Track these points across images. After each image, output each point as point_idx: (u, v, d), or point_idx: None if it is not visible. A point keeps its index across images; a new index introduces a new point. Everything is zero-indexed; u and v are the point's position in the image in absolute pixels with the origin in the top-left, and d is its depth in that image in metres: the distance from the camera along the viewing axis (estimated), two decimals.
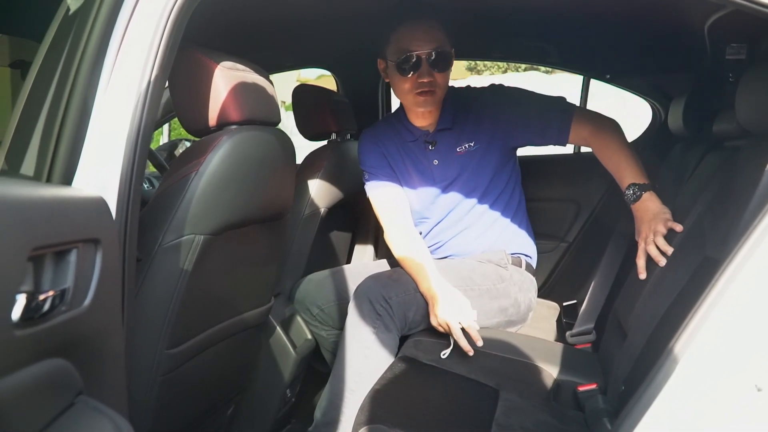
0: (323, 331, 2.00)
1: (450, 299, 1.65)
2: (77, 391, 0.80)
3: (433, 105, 1.85)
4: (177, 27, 1.03)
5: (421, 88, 1.79)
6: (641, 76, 2.55)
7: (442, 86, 1.83)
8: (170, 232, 1.20)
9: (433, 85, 1.79)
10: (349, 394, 1.57)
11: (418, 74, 1.77)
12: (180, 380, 1.33)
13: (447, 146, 1.93)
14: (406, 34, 1.76)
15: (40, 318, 0.74)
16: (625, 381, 1.37)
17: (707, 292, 0.88)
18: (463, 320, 1.62)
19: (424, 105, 1.84)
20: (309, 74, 15.95)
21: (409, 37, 1.76)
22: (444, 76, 1.81)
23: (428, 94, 1.80)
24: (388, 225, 1.95)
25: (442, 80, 1.81)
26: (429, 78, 1.77)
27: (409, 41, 1.75)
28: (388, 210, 1.97)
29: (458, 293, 1.68)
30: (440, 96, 1.84)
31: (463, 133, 1.91)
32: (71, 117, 0.94)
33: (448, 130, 1.92)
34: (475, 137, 1.90)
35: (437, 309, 1.63)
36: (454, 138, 1.92)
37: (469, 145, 1.90)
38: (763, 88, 1.16)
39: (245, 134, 1.30)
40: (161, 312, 1.22)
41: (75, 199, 0.84)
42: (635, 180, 1.70)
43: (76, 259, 0.79)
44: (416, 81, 1.78)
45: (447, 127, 1.91)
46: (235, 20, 1.82)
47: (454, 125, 1.92)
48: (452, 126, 1.91)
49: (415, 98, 1.82)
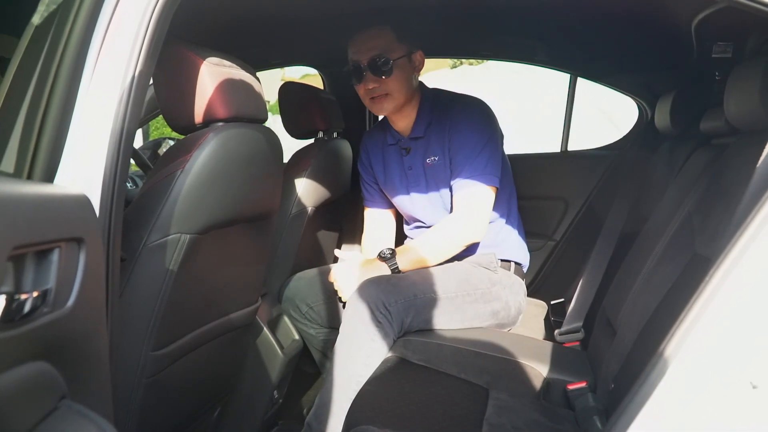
0: (312, 330, 1.99)
1: (348, 270, 1.78)
2: (61, 395, 0.78)
3: (390, 109, 1.88)
4: (162, 21, 1.01)
5: (370, 95, 1.85)
6: (628, 74, 2.56)
7: (396, 89, 1.84)
8: (155, 231, 1.17)
9: (382, 90, 1.83)
10: (348, 403, 1.54)
11: (364, 82, 1.83)
12: (166, 382, 1.31)
13: (418, 156, 1.95)
14: (353, 44, 1.86)
15: (21, 320, 0.71)
16: (614, 379, 1.37)
17: (700, 289, 0.87)
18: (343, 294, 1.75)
19: (380, 110, 1.88)
20: (293, 74, 15.91)
21: (355, 47, 1.85)
22: (393, 80, 1.82)
23: (380, 99, 1.85)
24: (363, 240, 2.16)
25: (393, 84, 1.83)
26: (374, 84, 1.82)
27: (354, 51, 1.85)
28: (368, 228, 2.16)
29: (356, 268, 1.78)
30: (398, 99, 1.86)
31: (430, 144, 1.92)
32: (53, 112, 0.91)
33: (420, 139, 1.93)
34: (437, 151, 1.90)
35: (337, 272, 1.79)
36: (424, 148, 1.93)
37: (434, 159, 1.91)
38: (751, 86, 1.16)
39: (232, 131, 1.28)
40: (146, 313, 1.19)
41: (57, 196, 0.82)
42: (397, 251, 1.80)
43: (59, 258, 0.77)
44: (365, 88, 1.84)
45: (419, 135, 1.93)
46: (221, 16, 1.80)
47: (426, 134, 1.92)
48: (424, 134, 1.92)
49: (370, 103, 1.89)
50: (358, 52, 1.83)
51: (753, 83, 1.15)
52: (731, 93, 1.26)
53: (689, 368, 0.86)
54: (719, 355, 0.86)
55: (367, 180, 2.14)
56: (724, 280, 0.85)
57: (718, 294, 0.85)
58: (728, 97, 1.27)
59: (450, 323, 1.77)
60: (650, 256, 1.46)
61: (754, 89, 1.14)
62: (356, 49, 1.83)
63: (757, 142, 1.01)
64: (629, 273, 1.61)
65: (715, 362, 0.86)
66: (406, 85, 1.87)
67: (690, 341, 0.86)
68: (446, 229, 1.84)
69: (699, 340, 0.86)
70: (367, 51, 1.81)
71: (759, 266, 0.85)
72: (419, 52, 1.89)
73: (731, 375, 0.85)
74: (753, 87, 1.15)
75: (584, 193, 2.64)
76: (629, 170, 2.35)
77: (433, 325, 1.74)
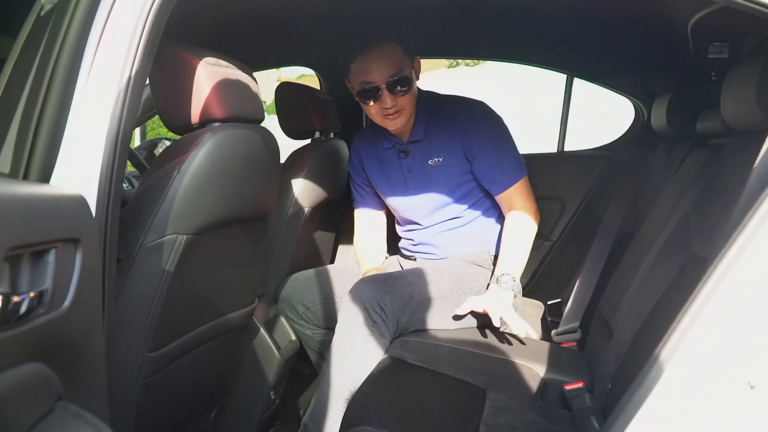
0: (309, 330, 1.98)
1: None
2: (57, 396, 0.78)
3: (404, 122, 1.87)
4: (158, 21, 1.00)
5: (386, 113, 1.82)
6: (624, 74, 2.56)
7: (410, 103, 1.85)
8: (152, 231, 1.17)
9: (398, 107, 1.82)
10: (343, 403, 1.54)
11: (380, 102, 1.80)
12: (162, 383, 1.30)
13: (419, 158, 1.94)
14: (362, 65, 1.79)
15: (16, 321, 0.71)
16: (611, 379, 1.37)
17: (698, 289, 0.87)
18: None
19: (395, 124, 1.87)
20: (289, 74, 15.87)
21: (366, 67, 1.78)
22: (409, 96, 1.82)
23: (395, 115, 1.83)
24: (355, 242, 2.18)
25: (408, 100, 1.83)
26: (392, 102, 1.80)
27: (367, 72, 1.78)
28: (359, 230, 2.17)
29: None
30: (410, 111, 1.87)
31: (432, 145, 1.91)
32: (49, 112, 0.91)
33: (420, 142, 1.93)
34: (444, 152, 1.90)
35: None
36: (425, 150, 1.92)
37: (438, 160, 1.90)
38: (747, 87, 1.16)
39: (229, 131, 1.28)
40: (143, 314, 1.19)
41: (53, 197, 0.81)
42: (507, 271, 1.77)
43: (55, 259, 0.76)
44: (380, 107, 1.81)
45: (419, 138, 1.92)
46: (218, 16, 1.79)
47: (426, 136, 1.92)
48: (423, 137, 1.92)
49: (383, 120, 1.86)
50: (370, 72, 1.77)
51: (749, 84, 1.15)
52: (728, 93, 1.27)
53: (686, 368, 0.86)
54: (716, 355, 0.86)
55: (358, 182, 2.14)
56: (721, 280, 0.85)
57: (716, 294, 0.85)
58: (725, 98, 1.28)
59: (445, 322, 1.77)
60: (647, 257, 1.46)
61: (751, 90, 1.14)
62: (368, 70, 1.78)
63: (753, 142, 1.01)
64: (626, 273, 1.61)
65: (713, 362, 0.86)
66: (416, 95, 1.88)
67: (687, 341, 0.86)
68: (521, 230, 1.85)
69: (696, 340, 0.86)
70: (383, 70, 1.77)
71: (756, 266, 0.85)
72: (417, 58, 1.88)
73: (729, 375, 0.85)
74: (749, 87, 1.15)
75: (581, 193, 2.64)
76: (626, 170, 2.35)
77: (429, 325, 1.74)
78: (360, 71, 1.80)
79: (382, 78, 1.77)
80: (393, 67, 1.77)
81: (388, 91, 1.78)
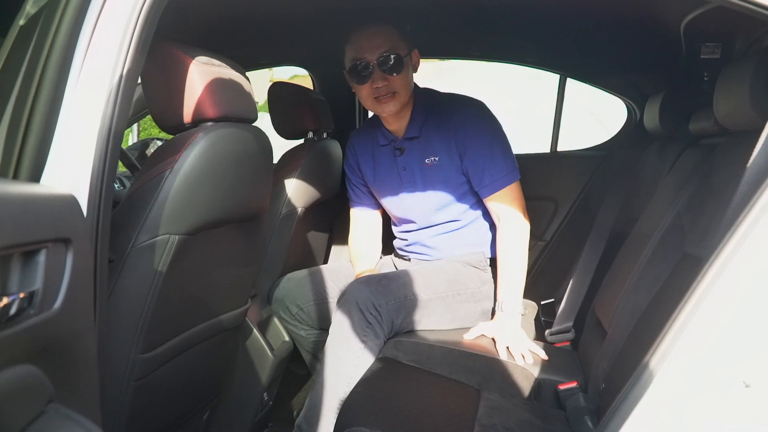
0: (302, 331, 1.98)
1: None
2: (48, 399, 0.77)
3: (396, 107, 1.84)
4: (150, 19, 1.00)
5: (377, 93, 1.80)
6: (617, 74, 2.57)
7: (403, 87, 1.82)
8: (144, 231, 1.16)
9: (390, 88, 1.79)
10: (338, 404, 1.53)
11: (371, 80, 1.78)
12: (154, 385, 1.29)
13: (415, 156, 1.92)
14: (355, 42, 1.80)
15: (6, 322, 0.70)
16: (605, 379, 1.37)
17: (692, 289, 0.88)
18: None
19: (386, 109, 1.84)
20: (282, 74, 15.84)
21: (358, 45, 1.79)
22: (402, 77, 1.80)
23: (388, 98, 1.81)
24: (350, 242, 2.17)
25: (400, 82, 1.80)
26: (383, 82, 1.78)
27: (359, 49, 1.79)
28: (354, 230, 2.17)
29: None
30: (404, 97, 1.84)
31: (429, 144, 1.89)
32: (39, 111, 0.90)
33: (416, 139, 1.91)
34: (441, 151, 1.88)
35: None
36: (421, 148, 1.91)
37: (435, 159, 1.89)
38: (740, 87, 1.17)
39: (222, 131, 1.27)
40: (135, 315, 1.18)
41: (44, 196, 0.80)
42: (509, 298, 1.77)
43: (46, 259, 0.75)
44: (371, 87, 1.80)
45: (414, 135, 1.90)
46: (210, 15, 1.78)
47: (422, 134, 1.90)
48: (419, 135, 1.90)
49: (375, 104, 1.84)
50: (362, 49, 1.77)
51: (742, 84, 1.16)
52: (720, 93, 1.27)
53: (681, 368, 0.87)
54: (711, 355, 0.86)
55: (353, 181, 2.13)
56: (715, 280, 0.85)
57: (710, 293, 0.85)
58: (717, 98, 1.28)
59: (440, 323, 1.77)
60: (640, 256, 1.47)
61: (743, 90, 1.14)
62: (360, 47, 1.78)
63: (746, 142, 1.01)
64: (619, 273, 1.62)
65: (707, 361, 0.86)
66: (411, 83, 1.86)
67: (681, 340, 0.86)
68: (514, 242, 1.82)
69: (690, 339, 0.86)
70: (375, 48, 1.76)
71: (749, 265, 0.85)
72: (416, 50, 1.87)
73: (723, 374, 0.85)
74: (742, 87, 1.15)
75: (574, 193, 2.65)
76: (619, 171, 2.36)
77: (424, 326, 1.74)
78: (353, 49, 1.81)
79: (374, 55, 1.76)
80: (385, 45, 1.77)
81: (379, 68, 1.77)
